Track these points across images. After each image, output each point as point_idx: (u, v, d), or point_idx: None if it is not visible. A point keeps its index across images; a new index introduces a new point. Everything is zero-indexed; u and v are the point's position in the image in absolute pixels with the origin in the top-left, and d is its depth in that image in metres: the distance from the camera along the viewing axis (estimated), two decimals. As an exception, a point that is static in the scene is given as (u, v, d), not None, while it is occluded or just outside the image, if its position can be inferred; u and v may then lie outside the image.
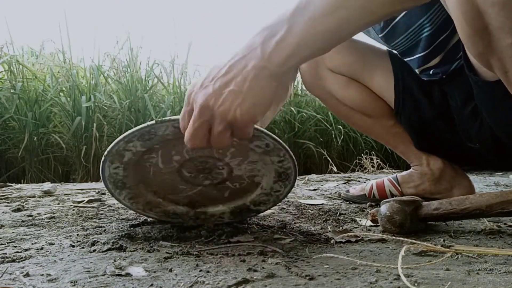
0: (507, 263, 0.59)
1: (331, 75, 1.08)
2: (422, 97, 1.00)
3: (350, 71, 1.06)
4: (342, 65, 1.06)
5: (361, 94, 1.07)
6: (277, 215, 0.97)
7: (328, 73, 1.08)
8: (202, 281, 0.52)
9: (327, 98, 1.13)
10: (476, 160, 1.04)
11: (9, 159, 2.32)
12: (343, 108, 1.11)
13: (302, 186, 1.43)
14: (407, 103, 1.02)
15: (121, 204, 0.84)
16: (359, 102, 1.08)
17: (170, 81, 2.72)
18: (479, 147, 0.94)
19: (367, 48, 1.08)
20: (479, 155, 0.98)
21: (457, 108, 0.94)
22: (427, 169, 1.08)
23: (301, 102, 2.73)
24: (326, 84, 1.09)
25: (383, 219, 0.79)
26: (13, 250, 0.67)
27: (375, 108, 1.08)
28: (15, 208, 1.00)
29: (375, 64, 1.06)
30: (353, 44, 1.08)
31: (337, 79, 1.07)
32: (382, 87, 1.05)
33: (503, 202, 0.71)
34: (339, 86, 1.08)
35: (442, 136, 1.02)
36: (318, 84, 1.10)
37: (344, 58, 1.05)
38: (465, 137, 0.96)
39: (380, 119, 1.09)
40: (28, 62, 2.57)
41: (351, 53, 1.06)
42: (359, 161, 2.17)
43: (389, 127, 1.09)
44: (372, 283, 0.51)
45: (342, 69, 1.06)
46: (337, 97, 1.09)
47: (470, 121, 0.91)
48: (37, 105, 2.29)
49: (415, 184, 1.09)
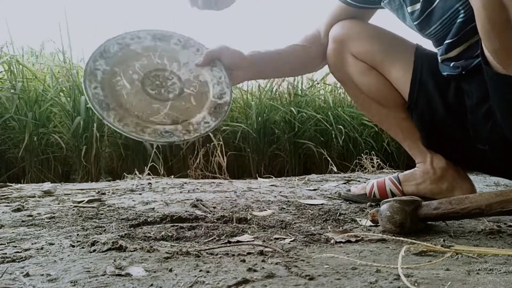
0: (507, 263, 0.59)
1: (353, 61, 1.10)
2: (437, 95, 1.01)
3: (371, 59, 1.08)
4: (365, 52, 1.08)
5: (377, 82, 1.09)
6: (277, 215, 0.97)
7: (351, 58, 1.10)
8: (202, 281, 0.52)
9: (347, 83, 1.16)
10: (481, 164, 1.04)
11: (9, 159, 2.32)
12: (360, 95, 1.14)
13: (302, 186, 1.43)
14: (421, 98, 1.03)
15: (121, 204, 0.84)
16: (374, 90, 1.10)
17: (170, 81, 2.72)
18: (488, 149, 0.95)
19: (394, 38, 1.10)
20: (486, 159, 0.98)
21: (472, 106, 0.94)
22: (430, 167, 1.08)
23: (301, 102, 2.73)
24: (347, 68, 1.11)
25: (383, 219, 0.79)
26: (13, 250, 0.67)
27: (389, 98, 1.09)
28: (15, 208, 1.00)
29: (397, 56, 1.07)
30: (381, 34, 1.10)
31: (358, 65, 1.10)
32: (400, 79, 1.06)
33: (502, 201, 0.71)
34: (358, 72, 1.10)
35: (451, 136, 1.02)
36: (340, 67, 1.13)
37: (368, 46, 1.08)
38: (476, 137, 0.96)
39: (394, 110, 1.10)
40: (28, 62, 2.57)
41: (376, 42, 1.08)
42: (359, 161, 2.17)
43: (400, 119, 1.10)
44: (372, 283, 0.51)
45: (364, 56, 1.09)
46: (355, 83, 1.12)
47: (483, 121, 0.92)
48: (37, 105, 2.29)
49: (416, 182, 1.10)
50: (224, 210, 1.00)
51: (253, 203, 1.09)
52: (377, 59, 1.08)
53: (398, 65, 1.06)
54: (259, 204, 1.08)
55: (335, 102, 2.81)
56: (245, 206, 1.04)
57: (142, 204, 1.07)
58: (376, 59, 1.08)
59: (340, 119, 2.67)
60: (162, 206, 1.05)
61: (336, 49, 1.12)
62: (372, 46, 1.08)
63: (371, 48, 1.08)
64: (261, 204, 1.09)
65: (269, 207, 1.05)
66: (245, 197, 1.18)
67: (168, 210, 1.00)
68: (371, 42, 1.08)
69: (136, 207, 1.03)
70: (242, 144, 2.59)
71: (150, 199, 1.13)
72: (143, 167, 2.00)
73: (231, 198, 1.16)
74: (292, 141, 2.64)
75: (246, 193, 1.24)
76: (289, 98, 2.73)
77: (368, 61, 1.09)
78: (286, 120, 2.65)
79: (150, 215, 0.93)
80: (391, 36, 1.11)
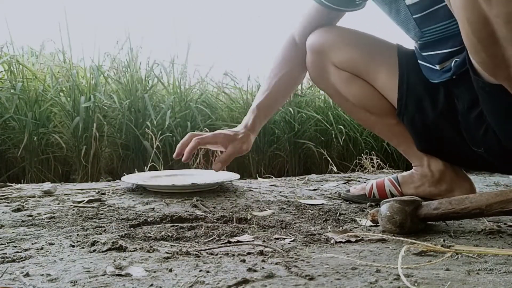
0: (507, 263, 0.59)
1: (335, 71, 1.06)
2: (427, 99, 0.98)
3: (354, 68, 1.04)
4: (346, 61, 1.04)
5: (364, 91, 1.06)
6: (277, 215, 0.97)
7: (332, 68, 1.07)
8: (202, 281, 0.52)
9: (332, 93, 1.13)
10: (480, 164, 1.02)
11: (9, 159, 2.32)
12: (346, 103, 1.10)
13: (302, 186, 1.43)
14: (410, 104, 1.00)
15: (121, 204, 0.84)
16: (361, 100, 1.07)
17: (170, 81, 2.72)
18: (483, 151, 0.93)
19: (374, 43, 1.06)
20: (484, 159, 0.96)
21: (463, 110, 0.92)
22: (428, 171, 1.06)
23: (301, 102, 2.73)
24: (330, 78, 1.08)
25: (383, 219, 0.79)
26: (13, 250, 0.67)
27: (377, 106, 1.06)
28: (15, 208, 1.00)
29: (381, 62, 1.03)
30: (360, 39, 1.06)
31: (341, 75, 1.06)
32: (386, 86, 1.03)
33: (503, 201, 0.71)
34: (342, 82, 1.06)
35: (445, 139, 1.00)
36: (323, 78, 1.10)
37: (349, 54, 1.04)
38: (470, 141, 0.94)
39: (383, 117, 1.07)
40: (28, 62, 2.57)
41: (357, 49, 1.04)
42: (359, 161, 2.17)
43: (391, 125, 1.08)
44: (372, 283, 0.51)
45: (346, 65, 1.05)
46: (340, 92, 1.08)
47: (475, 126, 0.89)
48: (37, 105, 2.29)
49: (415, 185, 1.09)
50: (224, 210, 1.00)
51: (253, 203, 1.09)
52: (360, 67, 1.04)
53: (383, 72, 1.02)
54: (259, 204, 1.08)
55: (335, 102, 2.81)
56: (245, 206, 1.04)
57: (142, 204, 1.07)
58: (359, 68, 1.04)
59: (340, 119, 2.67)
60: (162, 206, 1.05)
61: (315, 60, 1.08)
62: (353, 54, 1.04)
63: (352, 56, 1.04)
64: (261, 204, 1.09)
65: (269, 207, 1.05)
66: (245, 197, 1.18)
67: (168, 210, 1.00)
68: (352, 50, 1.04)
69: (136, 207, 1.03)
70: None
71: (150, 199, 1.13)
72: (143, 167, 2.00)
73: (231, 198, 1.16)
74: (292, 141, 2.64)
75: (246, 193, 1.24)
76: (288, 98, 2.73)
77: (350, 69, 1.05)
78: (286, 120, 2.65)
79: (150, 215, 0.93)
80: (372, 40, 1.06)
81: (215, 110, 2.64)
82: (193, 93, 2.73)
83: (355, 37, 1.07)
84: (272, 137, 2.67)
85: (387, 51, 1.05)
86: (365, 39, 1.06)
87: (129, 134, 2.38)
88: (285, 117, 2.64)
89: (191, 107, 2.52)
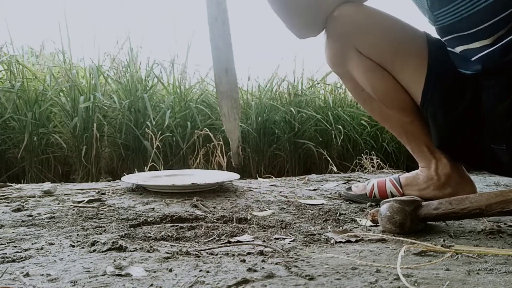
0: (507, 263, 0.59)
1: (358, 57, 0.98)
2: (454, 91, 0.91)
3: (380, 56, 0.96)
4: (373, 47, 0.96)
5: (385, 83, 0.98)
6: (277, 215, 0.97)
7: (355, 54, 0.98)
8: (202, 281, 0.52)
9: (347, 79, 1.06)
10: (492, 165, 0.96)
11: (9, 159, 2.32)
12: (362, 93, 1.04)
13: (302, 186, 1.43)
14: (436, 96, 0.93)
15: (121, 204, 0.84)
16: (380, 92, 1.00)
17: (170, 81, 2.72)
18: (504, 148, 0.87)
19: (403, 29, 0.97)
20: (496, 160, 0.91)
21: (491, 103, 0.85)
22: (434, 174, 1.03)
23: (301, 102, 2.73)
24: (349, 64, 1.00)
25: (383, 219, 0.79)
26: (13, 250, 0.67)
27: (396, 101, 1.00)
28: (15, 208, 1.00)
29: (409, 51, 0.95)
30: (389, 24, 0.97)
31: (363, 62, 0.98)
32: (413, 78, 0.95)
33: (502, 202, 0.71)
34: (363, 70, 0.98)
35: (464, 135, 0.94)
36: (341, 62, 1.02)
37: (377, 40, 0.95)
38: (492, 136, 0.89)
39: (399, 113, 1.02)
40: (28, 62, 2.57)
41: (385, 35, 0.96)
42: (359, 161, 2.17)
43: (406, 123, 1.02)
44: (372, 283, 0.51)
45: (372, 51, 0.96)
46: (357, 80, 1.02)
47: (502, 119, 0.84)
48: (37, 105, 2.29)
49: (419, 188, 1.05)
50: (224, 210, 1.00)
51: (253, 203, 1.09)
52: (386, 56, 0.95)
53: (411, 62, 0.94)
54: (259, 204, 1.08)
55: (335, 102, 2.82)
56: (245, 206, 1.04)
57: (142, 204, 1.07)
58: (385, 56, 0.95)
59: (340, 119, 2.67)
60: (162, 206, 1.05)
61: (336, 42, 0.99)
62: (381, 41, 0.94)
63: (380, 43, 0.94)
64: (261, 204, 1.09)
65: (269, 207, 1.05)
66: (245, 197, 1.18)
67: (168, 210, 1.00)
68: (380, 36, 0.95)
69: (136, 207, 1.03)
70: (242, 144, 2.59)
71: (150, 199, 1.13)
72: (143, 167, 2.00)
73: (231, 198, 1.16)
74: (292, 141, 2.64)
75: (246, 193, 1.24)
76: (289, 98, 2.73)
77: (375, 57, 0.96)
78: (286, 120, 2.65)
79: (150, 215, 0.93)
80: (400, 26, 0.96)
81: (215, 110, 2.64)
82: (193, 93, 2.73)
83: (384, 22, 0.97)
84: (272, 137, 2.67)
85: (416, 39, 0.96)
86: (394, 24, 0.97)
87: (129, 134, 2.39)
88: (285, 117, 2.64)
89: (191, 107, 2.52)
